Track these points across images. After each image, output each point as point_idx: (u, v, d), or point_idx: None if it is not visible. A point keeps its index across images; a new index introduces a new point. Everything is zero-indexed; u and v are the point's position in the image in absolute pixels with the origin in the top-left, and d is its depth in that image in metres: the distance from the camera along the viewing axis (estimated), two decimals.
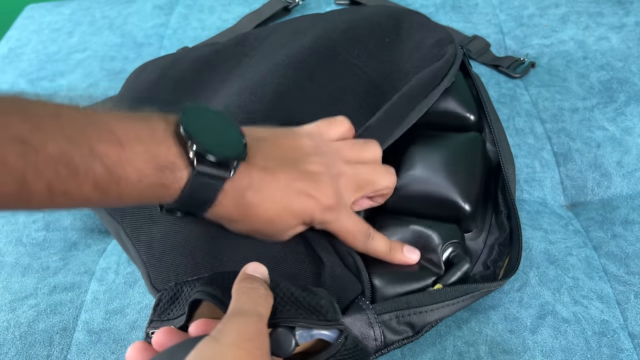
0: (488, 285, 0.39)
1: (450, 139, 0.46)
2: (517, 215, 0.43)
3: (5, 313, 0.47)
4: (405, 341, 0.38)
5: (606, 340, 0.41)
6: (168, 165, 0.30)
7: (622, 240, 0.47)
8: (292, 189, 0.35)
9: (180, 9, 0.82)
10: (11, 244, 0.53)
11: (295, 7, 0.77)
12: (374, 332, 0.36)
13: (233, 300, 0.30)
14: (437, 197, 0.43)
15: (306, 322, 0.32)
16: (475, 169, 0.45)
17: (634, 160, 0.53)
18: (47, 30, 0.82)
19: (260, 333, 0.28)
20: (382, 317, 0.36)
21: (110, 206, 0.32)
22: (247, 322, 0.28)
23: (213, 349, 0.26)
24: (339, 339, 0.33)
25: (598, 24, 0.68)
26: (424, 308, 0.37)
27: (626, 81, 0.60)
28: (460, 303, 0.39)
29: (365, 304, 0.36)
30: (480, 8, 0.74)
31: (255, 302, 0.30)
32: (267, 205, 0.35)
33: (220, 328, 0.27)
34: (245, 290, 0.30)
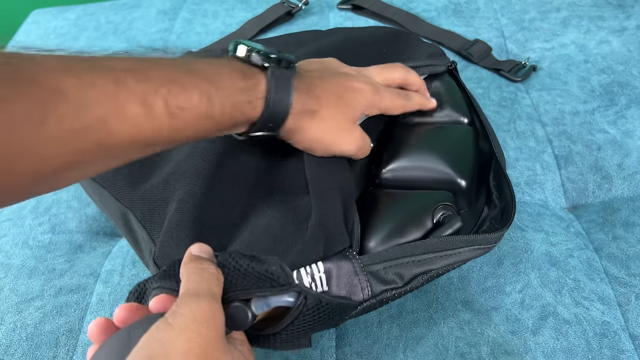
0: (480, 238, 0.39)
1: (445, 128, 0.48)
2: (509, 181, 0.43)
3: (12, 315, 0.48)
4: (395, 292, 0.37)
5: (607, 342, 0.41)
6: (248, 72, 0.36)
7: (623, 242, 0.48)
8: (340, 84, 0.41)
9: (185, 14, 0.83)
10: (18, 246, 0.54)
11: (298, 12, 0.78)
12: (359, 282, 0.36)
13: (184, 282, 0.30)
14: (433, 176, 0.44)
15: (259, 291, 0.32)
16: (468, 152, 0.46)
17: (634, 162, 0.53)
18: (53, 36, 0.83)
19: (214, 313, 0.28)
20: (370, 268, 0.37)
21: (217, 126, 0.35)
22: (200, 303, 0.28)
23: (165, 332, 0.26)
24: (298, 300, 0.33)
25: (599, 27, 0.69)
26: (411, 258, 0.37)
27: (627, 84, 0.61)
28: (447, 258, 0.38)
29: (351, 254, 0.37)
30: (482, 12, 0.74)
31: (207, 282, 0.30)
32: (330, 95, 0.40)
33: (174, 309, 0.28)
34: (195, 270, 0.31)
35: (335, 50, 0.53)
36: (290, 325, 0.33)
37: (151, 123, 0.30)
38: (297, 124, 0.38)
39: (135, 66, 0.30)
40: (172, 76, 0.31)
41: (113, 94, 0.28)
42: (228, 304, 0.32)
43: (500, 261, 0.46)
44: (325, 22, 0.76)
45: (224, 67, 0.35)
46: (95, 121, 0.27)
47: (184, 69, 0.32)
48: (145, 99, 0.29)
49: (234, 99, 0.34)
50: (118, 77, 0.28)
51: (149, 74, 0.30)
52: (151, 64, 0.31)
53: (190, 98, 0.32)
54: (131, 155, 0.32)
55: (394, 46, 0.55)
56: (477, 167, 0.46)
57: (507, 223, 0.40)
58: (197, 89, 0.32)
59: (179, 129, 0.32)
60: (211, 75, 0.33)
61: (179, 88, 0.31)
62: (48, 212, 0.57)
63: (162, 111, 0.30)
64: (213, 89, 0.33)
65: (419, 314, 0.44)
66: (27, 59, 0.26)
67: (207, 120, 0.33)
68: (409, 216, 0.40)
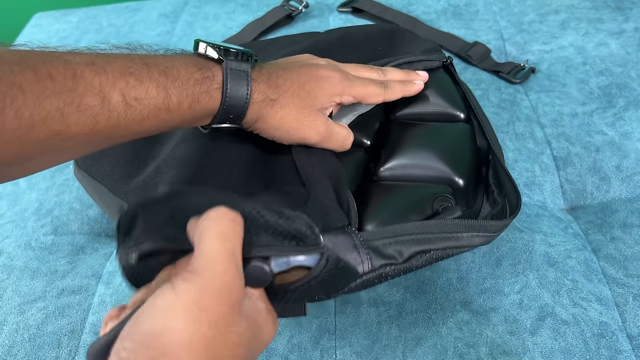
0: (479, 224, 0.39)
1: (442, 127, 0.48)
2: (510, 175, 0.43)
3: (14, 315, 0.48)
4: (394, 268, 0.37)
5: (605, 342, 0.41)
6: (204, 65, 0.36)
7: (621, 243, 0.48)
8: (306, 73, 0.42)
9: (186, 17, 0.83)
10: (20, 248, 0.54)
11: (299, 15, 0.78)
12: (359, 255, 0.36)
13: (197, 240, 0.28)
14: (431, 175, 0.44)
15: (283, 250, 0.31)
16: (466, 150, 0.46)
17: (632, 164, 0.54)
18: (55, 38, 0.84)
19: (229, 285, 0.26)
20: (370, 244, 0.37)
21: (175, 118, 0.35)
22: (213, 275, 0.26)
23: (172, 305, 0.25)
24: (320, 261, 0.32)
25: (597, 30, 0.69)
26: (410, 236, 0.37)
27: (625, 86, 0.61)
28: (446, 241, 0.38)
29: (350, 230, 0.37)
30: (481, 15, 0.75)
31: (223, 238, 0.27)
32: (292, 84, 0.40)
33: (184, 276, 0.26)
34: (211, 222, 0.28)
35: (329, 46, 0.54)
36: (305, 284, 0.32)
37: (108, 114, 0.31)
38: (258, 113, 0.39)
39: (93, 60, 0.31)
40: (129, 69, 0.32)
41: (71, 86, 0.29)
42: (247, 262, 0.30)
43: (499, 262, 0.47)
44: (325, 25, 0.77)
45: (180, 60, 0.36)
46: (53, 113, 0.28)
47: (141, 63, 0.33)
48: (102, 90, 0.30)
49: (191, 91, 0.35)
50: (76, 70, 0.29)
51: (106, 68, 0.31)
52: (109, 58, 0.32)
53: (146, 90, 0.33)
54: (90, 146, 0.32)
55: (388, 43, 0.55)
56: (474, 166, 0.46)
57: (512, 215, 0.40)
58: (154, 81, 0.33)
59: (136, 120, 0.33)
60: (167, 68, 0.34)
61: (135, 80, 0.32)
62: (50, 214, 0.57)
63: (119, 102, 0.31)
64: (169, 80, 0.34)
65: (418, 315, 0.44)
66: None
67: (165, 111, 0.34)
68: (409, 204, 0.41)
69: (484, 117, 0.50)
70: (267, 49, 0.59)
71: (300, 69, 0.42)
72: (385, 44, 0.55)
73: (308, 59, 0.45)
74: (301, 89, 0.40)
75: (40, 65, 0.28)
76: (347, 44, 0.55)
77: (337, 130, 0.43)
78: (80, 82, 0.29)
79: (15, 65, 0.27)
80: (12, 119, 0.27)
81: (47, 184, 0.60)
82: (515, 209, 0.40)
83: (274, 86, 0.39)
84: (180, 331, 0.24)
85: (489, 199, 0.46)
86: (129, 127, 0.33)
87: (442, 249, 0.39)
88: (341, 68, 0.44)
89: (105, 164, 0.48)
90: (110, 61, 0.32)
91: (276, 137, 0.41)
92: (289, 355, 0.43)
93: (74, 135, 0.30)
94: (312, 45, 0.55)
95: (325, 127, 0.42)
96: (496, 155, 0.45)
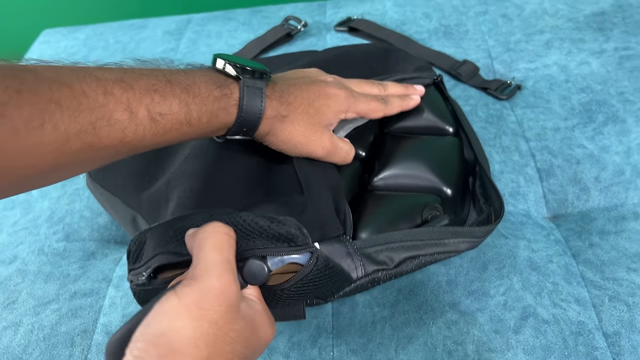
0: (465, 230, 0.42)
1: (432, 140, 0.51)
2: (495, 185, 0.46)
3: (29, 317, 0.51)
4: (386, 273, 0.40)
5: (582, 340, 0.45)
6: (223, 82, 0.39)
7: (599, 249, 0.51)
8: (316, 90, 0.45)
9: (189, 34, 0.87)
10: (34, 253, 0.57)
11: (298, 34, 0.82)
12: (353, 262, 0.40)
13: (195, 248, 0.32)
14: (421, 185, 0.48)
15: (277, 250, 0.34)
16: (454, 162, 0.50)
17: (610, 175, 0.57)
18: (64, 55, 0.87)
19: (225, 287, 0.30)
20: (363, 251, 0.40)
21: (195, 131, 0.38)
22: (210, 279, 0.30)
23: (174, 310, 0.28)
24: (310, 260, 0.36)
25: (580, 49, 0.73)
26: (400, 243, 0.40)
27: (604, 103, 0.65)
28: (434, 247, 0.41)
29: (345, 239, 0.40)
30: (471, 34, 0.79)
31: (219, 248, 0.31)
32: (302, 101, 0.43)
33: (185, 283, 0.30)
34: (206, 234, 0.32)
35: (327, 64, 0.57)
36: (298, 282, 0.36)
37: (135, 127, 0.34)
38: (270, 128, 0.42)
39: (121, 77, 0.34)
40: (154, 86, 0.35)
41: (102, 102, 0.32)
42: (245, 260, 0.34)
43: (485, 266, 0.50)
44: (323, 43, 0.81)
45: (200, 77, 0.38)
46: (86, 126, 0.31)
47: (165, 80, 0.36)
48: (130, 106, 0.33)
49: (210, 107, 0.38)
50: (106, 87, 0.32)
51: (134, 85, 0.34)
52: (136, 75, 0.35)
53: (170, 106, 0.35)
54: (118, 155, 0.35)
55: (383, 61, 0.59)
56: (462, 176, 0.49)
57: (496, 221, 0.44)
58: (176, 98, 0.36)
59: (160, 133, 0.35)
60: (189, 85, 0.37)
61: (160, 97, 0.35)
62: (62, 221, 0.60)
63: (144, 117, 0.34)
64: (191, 97, 0.36)
65: (409, 315, 0.47)
66: (29, 71, 0.30)
67: (186, 125, 0.37)
68: (400, 213, 0.44)
69: (471, 131, 0.53)
70: (269, 65, 0.63)
71: (310, 86, 0.45)
72: (380, 62, 0.59)
73: (316, 75, 0.48)
74: (310, 106, 0.43)
75: (74, 82, 0.31)
76: (344, 62, 0.59)
77: (340, 146, 0.46)
78: (110, 99, 0.32)
79: (53, 82, 0.30)
80: (50, 133, 0.29)
81: (58, 193, 0.63)
82: (499, 216, 0.44)
83: (285, 103, 0.42)
84: (184, 329, 0.28)
85: (476, 208, 0.50)
86: (153, 139, 0.35)
87: (431, 254, 0.42)
88: (346, 85, 0.47)
89: (117, 177, 0.51)
90: (137, 78, 0.34)
91: (284, 150, 0.44)
92: (289, 353, 0.46)
93: (105, 147, 0.32)
94: (311, 62, 0.58)
95: (331, 142, 0.45)
96: (482, 167, 0.49)
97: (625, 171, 0.57)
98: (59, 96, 0.30)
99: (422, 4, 0.85)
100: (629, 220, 0.53)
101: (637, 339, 0.45)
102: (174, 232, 0.36)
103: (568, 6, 0.80)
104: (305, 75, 0.47)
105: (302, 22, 0.82)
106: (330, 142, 0.45)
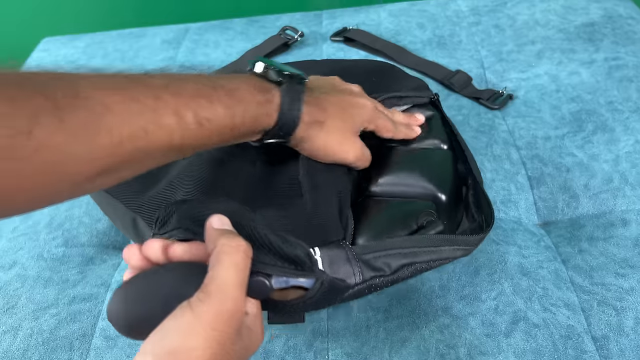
0: (460, 239, 0.43)
1: (426, 151, 0.53)
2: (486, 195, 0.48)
3: (29, 321, 0.52)
4: (383, 279, 0.41)
5: (571, 343, 0.46)
6: (264, 88, 0.40)
7: (587, 254, 0.53)
8: (346, 100, 0.46)
9: (187, 43, 0.88)
10: (33, 259, 0.58)
11: (294, 43, 0.84)
12: (352, 268, 0.40)
13: (213, 261, 0.32)
14: (416, 192, 0.49)
15: (283, 272, 0.35)
16: (447, 171, 0.51)
17: (599, 183, 0.59)
18: (63, 63, 0.88)
19: (238, 310, 0.30)
20: (361, 257, 0.41)
21: (237, 135, 0.39)
22: (226, 300, 0.30)
23: (189, 325, 0.29)
24: (315, 284, 0.36)
25: (570, 59, 0.75)
26: (398, 250, 0.42)
27: (594, 112, 0.66)
28: (430, 254, 0.42)
29: (344, 244, 0.41)
30: (464, 45, 0.80)
31: (236, 268, 0.31)
32: (336, 109, 0.45)
33: (201, 299, 0.30)
34: (227, 249, 0.32)
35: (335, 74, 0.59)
36: (300, 302, 0.37)
37: (182, 131, 0.34)
38: (306, 133, 0.43)
39: (169, 83, 0.35)
40: (200, 92, 0.36)
41: (152, 107, 0.33)
42: (251, 276, 0.34)
43: (477, 271, 0.51)
44: (319, 53, 0.82)
45: (243, 83, 0.39)
46: (138, 130, 0.32)
47: (210, 85, 0.37)
48: (178, 111, 0.34)
49: (254, 112, 0.39)
50: (156, 92, 0.33)
51: (181, 90, 0.35)
52: (182, 81, 0.36)
53: (215, 111, 0.36)
54: (164, 159, 0.36)
55: (382, 78, 0.60)
56: (455, 185, 0.51)
57: (487, 228, 0.45)
58: (221, 103, 0.37)
59: (205, 136, 0.36)
60: (233, 90, 0.38)
61: (206, 102, 0.36)
62: (61, 227, 0.61)
63: (192, 121, 0.35)
64: (235, 102, 0.37)
65: (403, 319, 0.48)
66: (83, 78, 0.31)
67: (230, 129, 0.38)
68: (396, 219, 0.45)
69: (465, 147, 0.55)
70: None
71: (342, 95, 0.46)
72: (379, 79, 0.60)
73: (341, 84, 0.49)
74: (344, 113, 0.45)
75: (126, 88, 0.32)
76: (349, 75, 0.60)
77: (367, 153, 0.48)
78: (160, 104, 0.33)
79: (106, 88, 0.31)
80: (103, 137, 0.30)
81: None
82: (490, 224, 0.45)
83: (322, 109, 0.43)
84: (196, 349, 0.29)
85: (468, 216, 0.51)
86: (198, 142, 0.36)
87: (426, 262, 0.43)
88: (370, 98, 0.49)
89: None
90: (184, 84, 0.35)
91: (317, 156, 0.45)
92: (285, 356, 0.47)
93: (154, 150, 0.33)
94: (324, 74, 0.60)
95: (361, 149, 0.47)
96: (475, 177, 0.50)
97: (614, 179, 0.59)
98: (112, 101, 0.31)
99: (417, 15, 0.87)
100: (617, 227, 0.54)
101: (625, 342, 0.46)
102: (197, 214, 0.37)
103: (559, 17, 0.82)
104: (333, 84, 0.49)
105: (298, 32, 0.84)
106: (361, 148, 0.47)
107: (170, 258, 0.35)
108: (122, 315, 0.32)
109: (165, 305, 0.30)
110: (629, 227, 0.54)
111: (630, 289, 0.49)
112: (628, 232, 0.54)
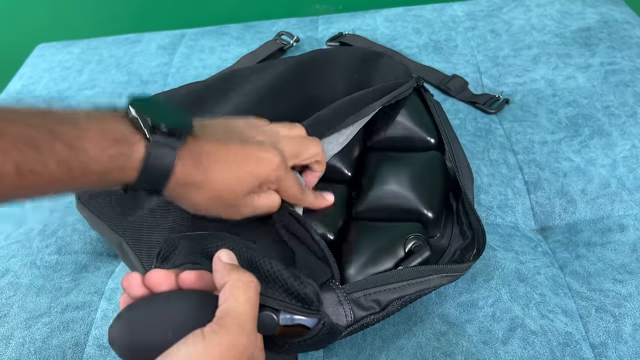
0: (448, 267, 0.43)
1: (412, 158, 0.53)
2: (475, 212, 0.48)
3: (21, 330, 0.51)
4: (374, 317, 0.42)
5: (569, 350, 0.45)
6: (123, 138, 0.34)
7: (585, 260, 0.52)
8: (244, 153, 0.40)
9: (183, 49, 0.88)
10: (26, 266, 0.57)
11: (290, 49, 0.84)
12: (344, 310, 0.40)
13: (226, 295, 0.31)
14: (404, 206, 0.49)
15: (292, 309, 0.35)
16: (434, 182, 0.51)
17: (596, 188, 0.58)
18: (58, 68, 0.88)
19: (250, 346, 0.30)
20: (351, 296, 0.41)
21: (78, 187, 0.34)
22: (240, 335, 0.29)
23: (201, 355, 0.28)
24: (317, 324, 0.36)
25: (566, 64, 0.75)
26: (387, 286, 0.42)
27: (590, 117, 0.66)
28: (419, 285, 0.43)
29: (335, 285, 0.41)
30: (460, 49, 0.80)
31: (249, 304, 0.31)
32: (223, 167, 0.38)
33: (214, 329, 0.29)
34: (240, 285, 0.31)
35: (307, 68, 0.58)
36: (301, 341, 0.37)
37: (9, 185, 0.29)
38: (179, 192, 0.38)
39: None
40: (28, 138, 0.30)
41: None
42: (260, 309, 0.34)
43: (474, 278, 0.50)
44: None
45: (94, 131, 0.33)
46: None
47: (45, 130, 0.31)
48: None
49: (101, 166, 0.33)
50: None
51: (7, 129, 0.29)
52: (8, 122, 0.30)
53: (45, 164, 0.30)
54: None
55: (366, 71, 0.59)
56: (444, 194, 0.51)
57: (476, 257, 0.45)
58: (54, 156, 0.31)
59: (31, 188, 0.31)
60: (75, 140, 0.31)
61: (34, 152, 0.30)
62: (55, 234, 0.60)
63: (10, 172, 0.29)
64: (74, 155, 0.31)
65: (399, 327, 0.48)
66: None
67: (66, 183, 0.32)
68: (384, 246, 0.46)
69: (455, 140, 0.54)
70: (230, 80, 0.62)
71: (243, 147, 0.40)
72: (362, 71, 0.59)
73: (249, 130, 0.43)
74: (237, 170, 0.39)
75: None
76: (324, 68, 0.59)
77: (262, 204, 0.42)
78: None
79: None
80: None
81: (51, 206, 0.64)
82: (480, 251, 0.45)
83: (202, 169, 0.37)
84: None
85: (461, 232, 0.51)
86: (19, 193, 0.31)
87: (416, 292, 0.43)
88: (281, 148, 0.42)
89: (101, 200, 0.52)
90: (8, 126, 0.30)
91: (198, 213, 0.42)
92: None
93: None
94: (285, 71, 0.59)
95: (252, 211, 0.42)
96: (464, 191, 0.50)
97: (611, 184, 0.58)
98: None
99: (413, 20, 0.87)
100: (615, 232, 0.54)
101: (623, 349, 0.45)
102: (204, 249, 0.37)
103: (555, 22, 0.82)
104: (239, 131, 0.42)
105: (294, 37, 0.84)
106: (252, 210, 0.42)
107: (181, 286, 0.34)
108: (126, 340, 0.32)
109: (176, 332, 0.30)
110: (627, 232, 0.54)
111: (629, 295, 0.48)
112: (625, 237, 0.53)
